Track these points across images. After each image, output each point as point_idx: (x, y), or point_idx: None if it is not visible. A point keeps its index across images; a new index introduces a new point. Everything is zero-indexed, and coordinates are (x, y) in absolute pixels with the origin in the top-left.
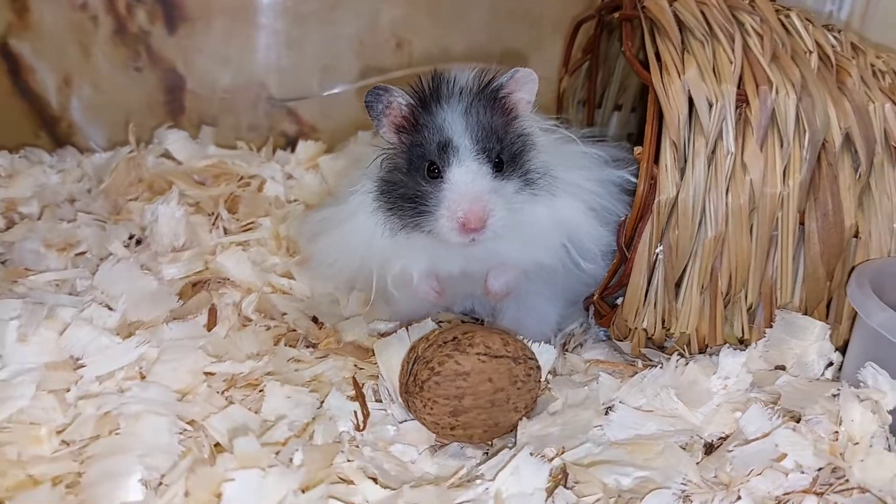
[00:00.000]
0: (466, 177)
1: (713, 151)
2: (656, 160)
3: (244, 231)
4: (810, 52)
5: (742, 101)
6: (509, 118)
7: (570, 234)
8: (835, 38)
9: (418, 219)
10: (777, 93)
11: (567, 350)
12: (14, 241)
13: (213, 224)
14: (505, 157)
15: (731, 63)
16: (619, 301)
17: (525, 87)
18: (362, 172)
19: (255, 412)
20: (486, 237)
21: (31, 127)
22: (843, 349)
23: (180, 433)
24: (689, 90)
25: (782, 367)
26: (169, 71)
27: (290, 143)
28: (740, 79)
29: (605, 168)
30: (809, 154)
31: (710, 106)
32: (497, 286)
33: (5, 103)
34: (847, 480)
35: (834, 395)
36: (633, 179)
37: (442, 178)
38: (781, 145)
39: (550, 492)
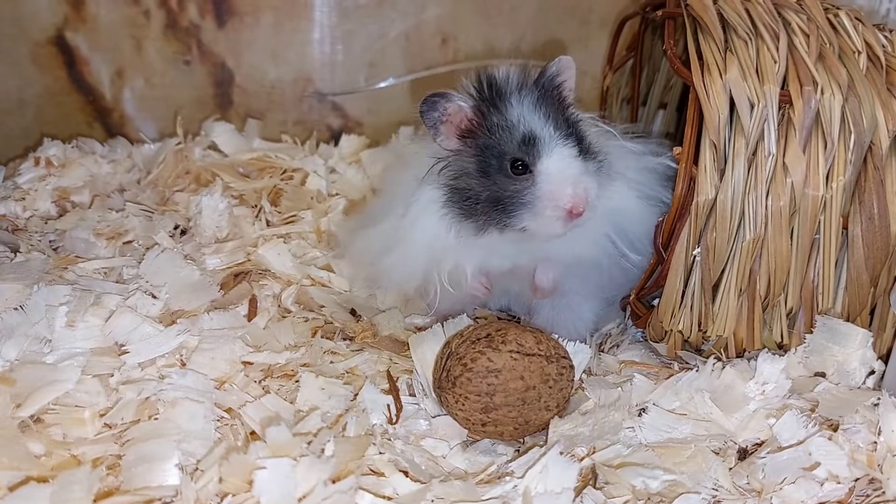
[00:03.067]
0: (561, 163)
1: (754, 153)
2: (695, 161)
3: (286, 224)
4: (859, 53)
5: (786, 101)
6: (566, 104)
7: (619, 223)
8: (886, 38)
9: (509, 218)
10: (822, 93)
11: (603, 350)
12: (66, 230)
13: (256, 216)
14: (579, 141)
15: (776, 63)
16: (655, 302)
17: (568, 75)
18: (416, 179)
19: (290, 402)
20: (585, 220)
21: (84, 118)
22: (885, 358)
23: (217, 420)
24: (730, 90)
25: (822, 374)
26: (218, 65)
27: (336, 138)
28: (784, 79)
29: (646, 157)
30: (855, 156)
31: (752, 107)
32: (545, 282)
33: (61, 94)
34: (884, 493)
35: (874, 405)
36: (674, 165)
37: (532, 171)
38: (825, 147)
39: (579, 491)
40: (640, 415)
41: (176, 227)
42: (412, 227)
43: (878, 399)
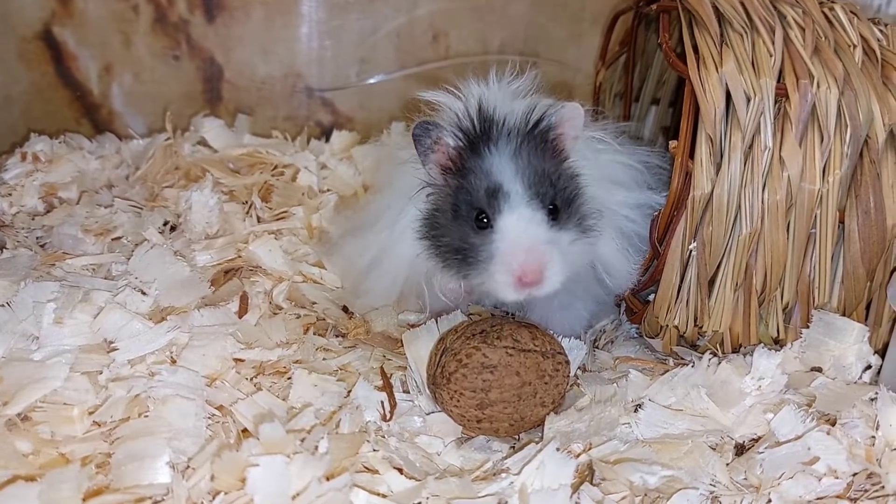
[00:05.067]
0: (519, 225)
1: (750, 146)
2: (691, 155)
3: (277, 220)
4: (854, 46)
5: (782, 95)
6: (560, 159)
7: (600, 259)
8: (881, 31)
9: (467, 270)
10: (818, 87)
11: (597, 347)
12: (53, 226)
13: (247, 212)
14: (559, 202)
15: (771, 56)
16: (651, 297)
17: (572, 123)
18: (405, 194)
19: (283, 399)
20: (544, 292)
21: (72, 114)
22: (882, 353)
23: (208, 418)
24: (726, 83)
25: (818, 369)
26: (207, 60)
27: (326, 134)
28: (780, 72)
29: (643, 191)
30: (851, 150)
31: (748, 100)
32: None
33: (48, 90)
34: (883, 487)
35: (872, 399)
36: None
37: (492, 227)
38: (822, 141)
39: (576, 488)
40: (635, 410)
41: (165, 224)
42: (394, 246)
43: (876, 394)
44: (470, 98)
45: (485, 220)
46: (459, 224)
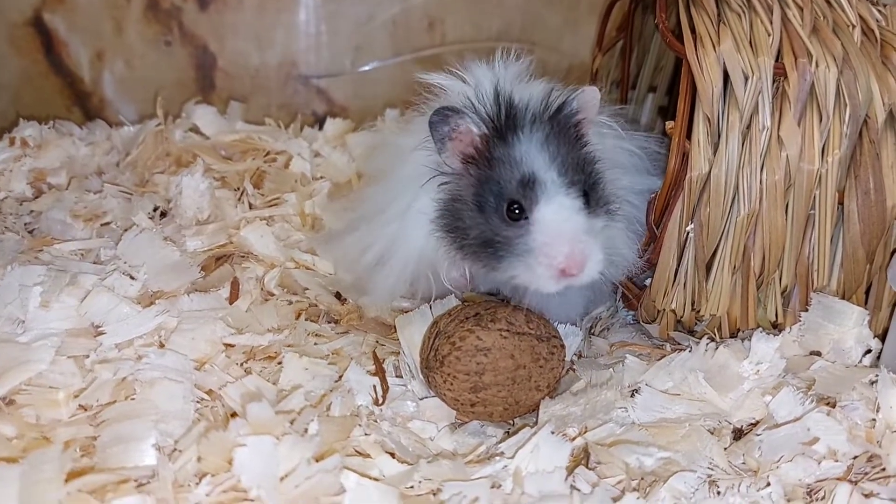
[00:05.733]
0: (560, 215)
1: (748, 126)
2: (688, 135)
3: (269, 206)
4: (853, 26)
5: (780, 74)
6: (582, 144)
7: (607, 248)
8: (880, 12)
9: (498, 264)
10: (817, 66)
11: (593, 333)
12: (41, 211)
13: (239, 199)
14: (588, 188)
15: (769, 35)
16: (647, 282)
17: (589, 107)
18: (411, 183)
19: (273, 384)
20: (581, 282)
21: (63, 101)
22: (882, 337)
23: (197, 402)
24: (723, 62)
25: (818, 353)
26: (200, 48)
27: (320, 123)
28: (779, 51)
29: (645, 175)
30: (850, 130)
31: (746, 79)
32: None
33: (38, 78)
34: (884, 469)
35: (872, 382)
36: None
37: (528, 218)
38: (820, 120)
39: (571, 470)
40: (632, 395)
41: (155, 209)
42: (405, 238)
43: (876, 376)
44: (482, 82)
45: (517, 212)
46: (486, 215)
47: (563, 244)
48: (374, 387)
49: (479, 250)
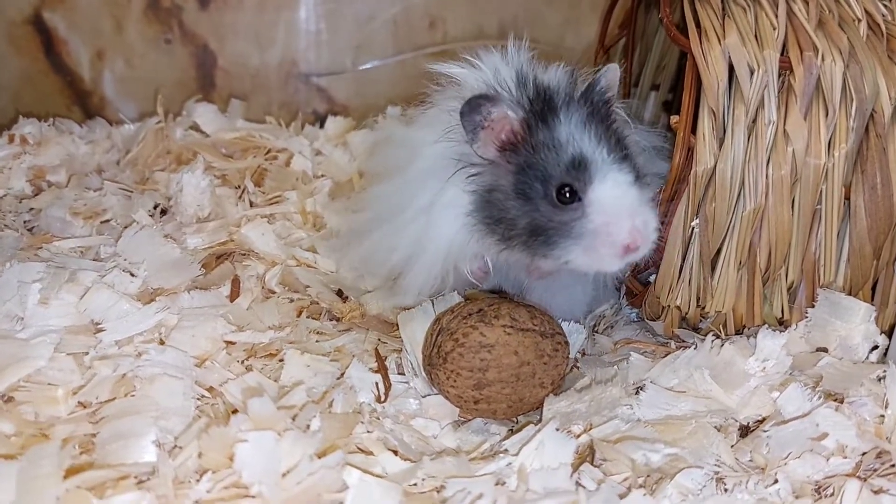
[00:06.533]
0: (617, 191)
1: (754, 120)
2: (694, 130)
3: (270, 204)
4: (859, 20)
5: (786, 67)
6: (612, 121)
7: None
8: (886, 6)
9: (550, 250)
10: (823, 60)
11: (597, 331)
12: (41, 209)
13: (240, 197)
14: (631, 162)
15: (775, 29)
16: (651, 279)
17: (613, 85)
18: (430, 176)
19: (275, 381)
20: (643, 256)
21: (63, 100)
22: (889, 333)
23: (197, 399)
24: (729, 56)
25: (824, 350)
26: (200, 47)
27: (321, 122)
28: (784, 45)
29: (657, 161)
30: (857, 124)
31: (752, 73)
32: (545, 266)
33: (38, 76)
34: (893, 465)
35: (879, 378)
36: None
37: (581, 200)
38: (827, 115)
39: (576, 467)
40: (637, 393)
41: (156, 207)
42: (435, 234)
43: (884, 372)
44: (499, 69)
45: (568, 195)
46: (533, 203)
47: (626, 220)
48: (377, 384)
49: (528, 239)
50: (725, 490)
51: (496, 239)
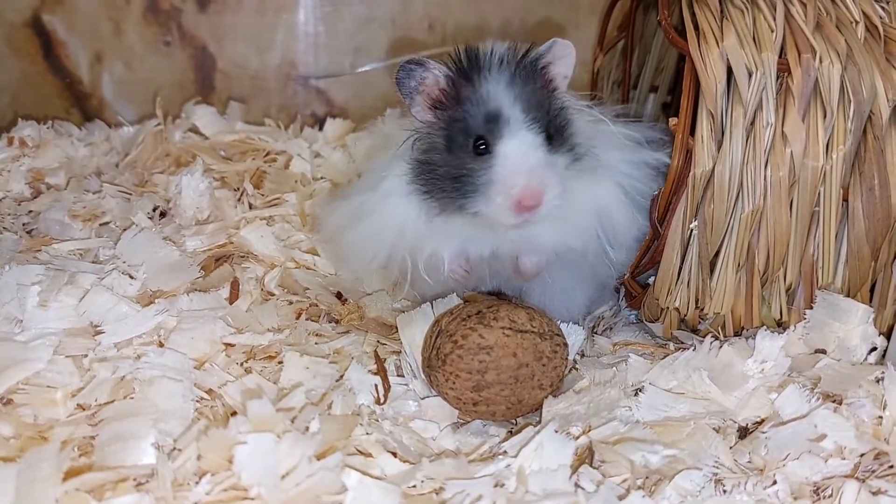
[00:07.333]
0: (520, 149)
1: (752, 123)
2: (692, 132)
3: (269, 206)
4: (857, 22)
5: (784, 70)
6: (550, 90)
7: (603, 219)
8: (883, 9)
9: (464, 200)
10: (821, 62)
11: (596, 332)
12: (40, 211)
13: (238, 199)
14: (553, 129)
15: (773, 31)
16: (650, 281)
17: (563, 61)
18: (392, 155)
19: (274, 383)
20: (540, 217)
21: (62, 103)
22: (887, 335)
23: (196, 401)
24: (727, 58)
25: (822, 351)
26: (199, 49)
27: (320, 124)
28: (782, 47)
29: (641, 150)
30: (854, 126)
31: (750, 75)
32: (529, 266)
33: (37, 79)
34: (892, 466)
35: (878, 379)
36: (669, 161)
37: (491, 152)
38: (825, 116)
39: (575, 469)
40: (636, 394)
41: (155, 209)
42: (380, 203)
43: (882, 374)
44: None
45: (483, 147)
46: (455, 154)
47: (521, 176)
48: (376, 386)
49: (447, 187)
50: (724, 491)
51: (432, 202)
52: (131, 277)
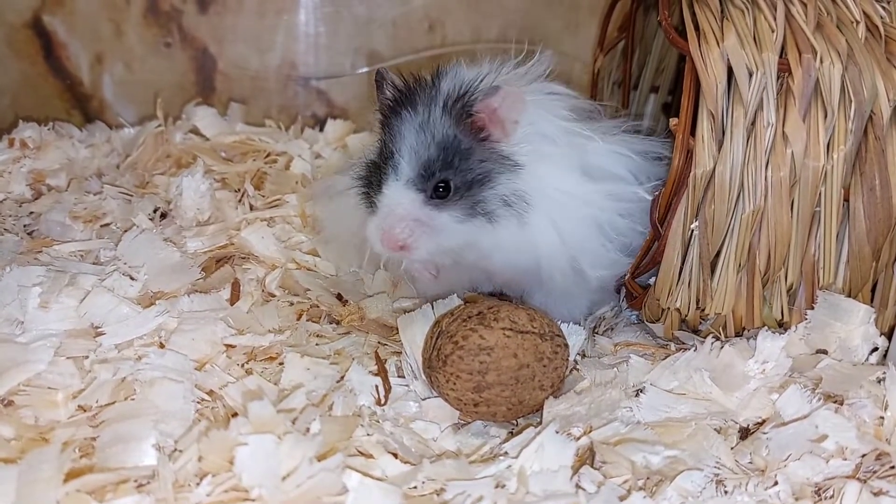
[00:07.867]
0: (393, 198)
1: (753, 123)
2: (693, 132)
3: (270, 207)
4: (857, 23)
5: (784, 70)
6: (479, 139)
7: (572, 251)
8: (884, 8)
9: (371, 213)
10: (821, 62)
11: (597, 333)
12: (41, 212)
13: (239, 200)
14: (456, 182)
15: (773, 31)
16: (651, 281)
17: (512, 108)
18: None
19: (275, 384)
20: (416, 259)
21: (63, 105)
22: (889, 335)
23: (197, 402)
24: (727, 59)
25: (824, 352)
26: (200, 50)
27: (321, 125)
28: (783, 47)
29: (621, 184)
30: (855, 126)
31: (750, 75)
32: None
33: (38, 80)
34: (893, 467)
35: (879, 380)
36: (647, 196)
37: (380, 188)
38: (825, 117)
39: (576, 470)
40: (637, 395)
41: (156, 210)
42: (346, 187)
43: (884, 374)
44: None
45: (378, 178)
46: (378, 172)
47: (386, 220)
48: (377, 387)
49: (365, 198)
50: (725, 492)
51: (366, 205)
52: (132, 279)
